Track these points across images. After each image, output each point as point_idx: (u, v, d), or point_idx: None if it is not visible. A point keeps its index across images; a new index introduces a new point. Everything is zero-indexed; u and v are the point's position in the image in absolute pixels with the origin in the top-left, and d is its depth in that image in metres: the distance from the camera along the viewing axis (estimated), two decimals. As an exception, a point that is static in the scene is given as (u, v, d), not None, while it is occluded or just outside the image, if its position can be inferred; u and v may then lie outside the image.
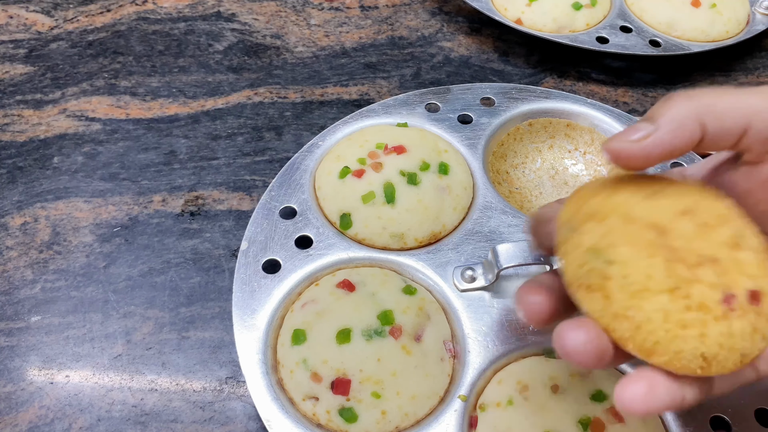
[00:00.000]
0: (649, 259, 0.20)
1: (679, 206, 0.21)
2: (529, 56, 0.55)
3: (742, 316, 0.19)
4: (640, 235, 0.20)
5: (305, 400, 0.31)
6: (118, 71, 0.51)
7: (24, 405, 0.34)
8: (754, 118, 0.20)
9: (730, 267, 0.20)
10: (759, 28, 0.54)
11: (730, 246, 0.20)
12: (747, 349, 0.20)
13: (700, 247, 0.20)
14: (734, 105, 0.21)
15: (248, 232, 0.36)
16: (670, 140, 0.20)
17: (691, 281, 0.19)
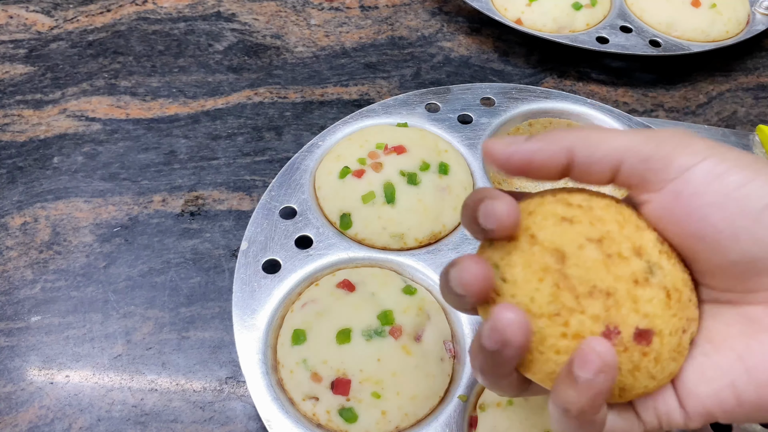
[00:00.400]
0: (538, 283, 0.20)
1: (593, 233, 0.20)
2: (529, 56, 0.55)
3: (622, 353, 0.20)
4: (538, 258, 0.20)
5: (305, 400, 0.31)
6: (118, 71, 0.51)
7: (24, 405, 0.34)
8: (627, 154, 0.21)
9: (624, 302, 0.20)
10: (759, 28, 0.54)
11: (634, 281, 0.20)
12: (627, 385, 0.20)
13: (598, 278, 0.20)
14: (606, 139, 0.21)
15: (248, 232, 0.36)
16: (531, 152, 0.21)
17: (573, 310, 0.20)
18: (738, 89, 0.54)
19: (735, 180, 0.20)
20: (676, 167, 0.20)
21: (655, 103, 0.52)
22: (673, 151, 0.20)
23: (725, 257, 0.20)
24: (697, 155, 0.20)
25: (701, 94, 0.53)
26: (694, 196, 0.20)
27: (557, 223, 0.21)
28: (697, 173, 0.20)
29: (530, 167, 0.22)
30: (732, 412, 0.20)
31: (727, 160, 0.20)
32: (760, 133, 0.48)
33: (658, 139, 0.21)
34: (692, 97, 0.53)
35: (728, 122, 0.51)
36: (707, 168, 0.20)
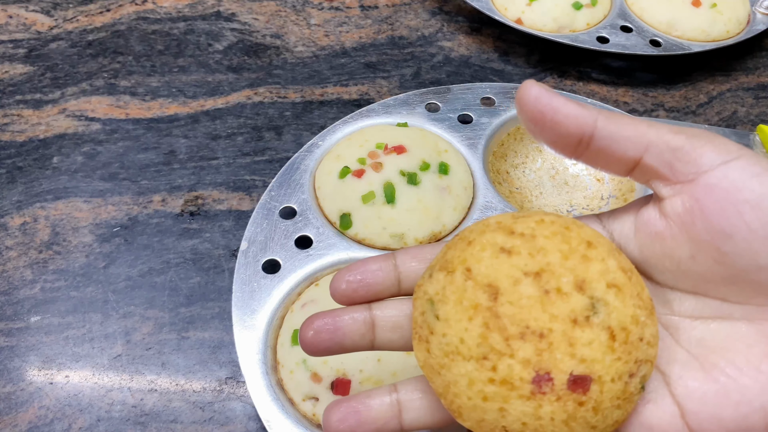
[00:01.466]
0: (468, 323, 0.19)
1: (532, 266, 0.19)
2: (530, 56, 0.55)
3: (555, 401, 0.18)
4: (471, 295, 0.19)
5: (305, 401, 0.31)
6: (117, 71, 0.51)
7: (23, 405, 0.34)
8: (655, 141, 0.20)
9: (559, 345, 0.18)
10: (759, 28, 0.54)
11: (573, 321, 0.18)
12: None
13: (531, 317, 0.18)
14: (637, 124, 0.21)
15: (248, 232, 0.36)
16: (560, 104, 0.20)
17: (501, 354, 0.18)
18: (738, 89, 0.54)
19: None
20: (708, 161, 0.19)
21: (656, 103, 0.52)
22: (706, 146, 0.20)
23: (753, 260, 0.19)
24: (731, 153, 0.20)
25: (701, 93, 0.53)
26: (730, 191, 0.19)
27: (494, 254, 0.19)
28: (733, 169, 0.19)
29: (553, 119, 0.20)
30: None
31: (761, 162, 0.19)
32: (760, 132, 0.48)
33: (690, 133, 0.20)
34: (693, 97, 0.53)
35: (728, 122, 0.51)
36: (743, 165, 0.19)
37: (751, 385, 0.19)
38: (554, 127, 0.20)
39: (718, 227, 0.19)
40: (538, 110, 0.20)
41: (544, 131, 0.21)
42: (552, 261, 0.19)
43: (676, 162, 0.20)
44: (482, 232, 0.20)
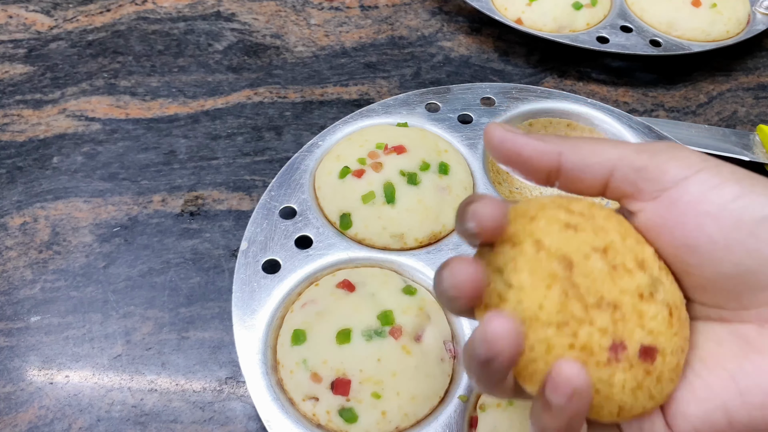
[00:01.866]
0: (546, 290, 0.19)
1: (598, 243, 0.20)
2: (530, 56, 0.55)
3: (627, 369, 0.19)
4: (546, 265, 0.19)
5: (305, 401, 0.31)
6: (117, 71, 0.51)
7: (23, 405, 0.34)
8: (619, 163, 0.21)
9: (630, 317, 0.19)
10: (759, 28, 0.54)
11: (639, 295, 0.20)
12: (626, 404, 0.20)
13: (605, 289, 0.19)
14: (600, 149, 0.21)
15: (248, 232, 0.36)
16: (522, 143, 0.22)
17: (582, 321, 0.19)
18: (738, 89, 0.54)
19: (731, 192, 0.20)
20: (671, 177, 0.20)
21: (656, 103, 0.52)
22: (668, 162, 0.21)
23: (718, 269, 0.20)
24: (692, 167, 0.20)
25: (702, 93, 0.53)
26: (690, 205, 0.20)
27: (562, 229, 0.20)
28: (693, 183, 0.20)
29: (519, 158, 0.22)
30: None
31: (723, 173, 0.20)
32: (760, 132, 0.48)
33: (651, 150, 0.21)
34: (693, 97, 0.53)
35: (729, 122, 0.51)
36: (704, 178, 0.20)
37: (715, 383, 0.20)
38: (522, 165, 0.22)
39: (681, 240, 0.20)
40: (504, 153, 0.22)
41: (515, 169, 0.22)
42: (614, 240, 0.20)
43: (641, 182, 0.21)
44: (543, 208, 0.21)
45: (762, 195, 0.19)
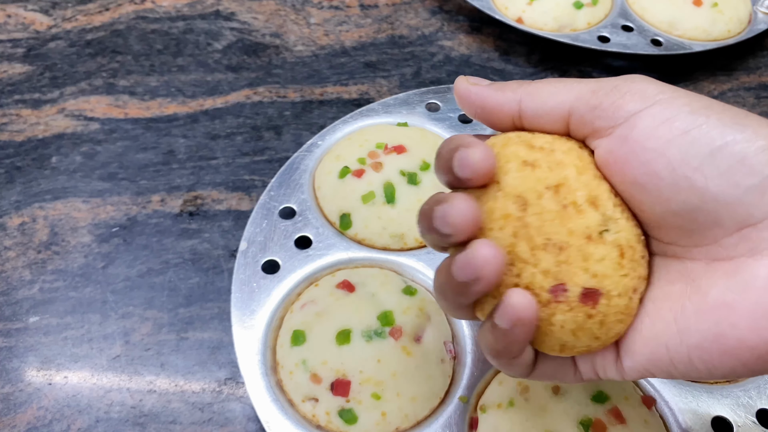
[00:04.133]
0: (499, 231, 0.20)
1: (552, 180, 0.20)
2: (530, 55, 0.55)
3: (567, 311, 0.20)
4: (501, 205, 0.20)
5: (305, 402, 0.30)
6: (116, 70, 0.51)
7: (22, 406, 0.34)
8: (575, 104, 0.21)
9: (575, 259, 0.20)
10: (761, 28, 0.54)
11: (587, 237, 0.20)
12: (568, 343, 0.20)
13: (554, 230, 0.20)
14: (557, 91, 0.21)
15: (247, 233, 0.36)
16: (486, 95, 0.22)
17: (526, 262, 0.20)
18: (740, 88, 0.54)
19: (680, 125, 0.19)
20: (623, 112, 0.20)
21: (657, 103, 0.52)
22: (623, 97, 0.20)
23: (667, 207, 0.19)
24: (646, 100, 0.20)
25: (703, 93, 0.53)
26: (639, 141, 0.19)
27: (519, 167, 0.21)
28: (644, 117, 0.19)
29: (483, 111, 0.22)
30: (667, 371, 0.20)
31: (676, 104, 0.19)
32: (761, 132, 0.47)
33: (607, 87, 0.21)
34: (693, 97, 0.52)
35: (730, 122, 0.51)
36: (655, 112, 0.19)
37: (659, 323, 0.20)
38: (487, 117, 0.23)
39: (630, 178, 0.20)
40: (471, 105, 0.23)
41: (482, 120, 0.23)
42: (568, 175, 0.20)
43: (596, 120, 0.21)
44: (505, 144, 0.22)
45: (715, 127, 0.18)
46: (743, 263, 0.18)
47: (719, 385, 0.32)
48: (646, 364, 0.20)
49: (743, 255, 0.18)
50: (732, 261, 0.19)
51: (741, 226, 0.18)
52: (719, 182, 0.18)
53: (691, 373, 0.19)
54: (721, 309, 0.18)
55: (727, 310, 0.18)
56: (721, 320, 0.18)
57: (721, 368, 0.18)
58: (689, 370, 0.19)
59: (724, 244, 0.19)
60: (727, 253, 0.19)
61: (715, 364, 0.18)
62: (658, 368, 0.20)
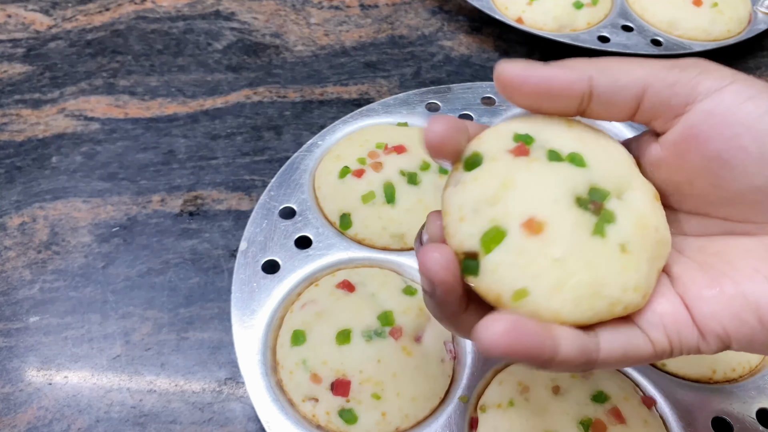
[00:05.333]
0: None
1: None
2: (530, 55, 0.55)
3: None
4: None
5: (305, 401, 0.30)
6: (116, 70, 0.51)
7: (22, 406, 0.34)
8: (651, 80, 0.20)
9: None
10: (761, 28, 0.54)
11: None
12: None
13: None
14: (630, 68, 0.21)
15: (247, 232, 0.36)
16: (550, 76, 0.21)
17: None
18: (739, 88, 0.54)
19: (766, 103, 0.19)
20: (703, 89, 0.20)
21: (657, 103, 0.52)
22: (699, 76, 0.20)
23: (750, 182, 0.19)
24: (724, 79, 0.20)
25: (702, 93, 0.53)
26: (725, 116, 0.19)
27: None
28: (727, 93, 0.19)
29: (549, 93, 0.21)
30: (752, 335, 0.19)
31: (757, 84, 0.20)
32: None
33: (681, 66, 0.21)
34: (693, 97, 0.53)
35: (730, 121, 0.51)
36: (737, 89, 0.19)
37: (746, 283, 0.19)
38: (552, 99, 0.21)
39: (714, 151, 0.20)
40: (529, 91, 0.21)
41: (544, 106, 0.21)
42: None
43: (674, 97, 0.20)
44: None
45: None
46: None
47: (719, 384, 0.32)
48: (729, 326, 0.19)
49: None
50: None
51: None
52: None
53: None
54: None
55: None
56: None
57: None
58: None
59: None
60: None
61: None
62: (741, 332, 0.19)
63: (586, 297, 0.19)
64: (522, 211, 0.19)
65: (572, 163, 0.21)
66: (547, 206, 0.19)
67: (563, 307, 0.19)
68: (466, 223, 0.20)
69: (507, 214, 0.19)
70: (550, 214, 0.19)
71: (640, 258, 0.20)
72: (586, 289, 0.19)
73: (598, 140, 0.22)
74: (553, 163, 0.20)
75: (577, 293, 0.19)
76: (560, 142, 0.21)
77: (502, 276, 0.19)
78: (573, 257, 0.19)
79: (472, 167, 0.21)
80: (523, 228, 0.19)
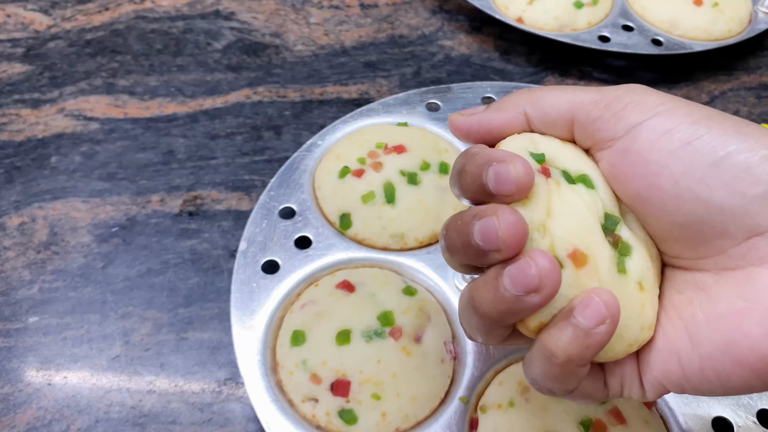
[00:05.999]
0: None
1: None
2: (531, 55, 0.54)
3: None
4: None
5: (304, 402, 0.30)
6: (116, 70, 0.51)
7: (22, 406, 0.34)
8: (577, 114, 0.21)
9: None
10: (761, 27, 0.54)
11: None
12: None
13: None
14: (557, 101, 0.21)
15: (247, 233, 0.36)
16: (490, 119, 0.22)
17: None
18: (740, 88, 0.53)
19: (682, 136, 0.19)
20: (624, 124, 0.20)
21: (657, 102, 0.52)
22: (623, 111, 0.20)
23: (672, 220, 0.19)
24: (647, 112, 0.19)
25: (703, 93, 0.53)
26: (640, 153, 0.19)
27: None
28: (644, 130, 0.19)
29: (491, 134, 0.22)
30: (680, 384, 0.19)
31: (677, 115, 0.19)
32: (762, 132, 0.47)
33: (608, 98, 0.20)
34: (694, 96, 0.52)
35: (730, 121, 0.51)
36: (655, 124, 0.19)
37: (672, 333, 0.19)
38: (497, 139, 0.22)
39: (633, 191, 0.20)
40: (475, 135, 0.22)
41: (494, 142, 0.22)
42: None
43: (596, 132, 0.20)
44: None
45: (717, 136, 0.18)
46: (753, 272, 0.18)
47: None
48: (661, 378, 0.20)
49: (752, 264, 0.18)
50: (741, 270, 0.19)
51: (749, 235, 0.18)
52: (724, 192, 0.18)
53: (703, 386, 0.19)
54: (733, 317, 0.18)
55: (738, 318, 0.18)
56: (733, 329, 0.18)
57: (734, 380, 0.18)
58: (702, 383, 0.19)
59: (733, 254, 0.19)
60: (735, 263, 0.19)
61: (728, 375, 0.18)
62: (671, 382, 0.19)
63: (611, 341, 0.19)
64: (567, 240, 0.19)
65: (585, 186, 0.20)
66: (587, 237, 0.20)
67: None
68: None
69: (553, 245, 0.19)
70: (589, 245, 0.19)
71: (653, 293, 0.20)
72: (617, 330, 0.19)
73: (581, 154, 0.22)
74: (573, 187, 0.20)
75: None
76: (563, 160, 0.21)
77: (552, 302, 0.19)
78: None
79: None
80: (569, 259, 0.19)
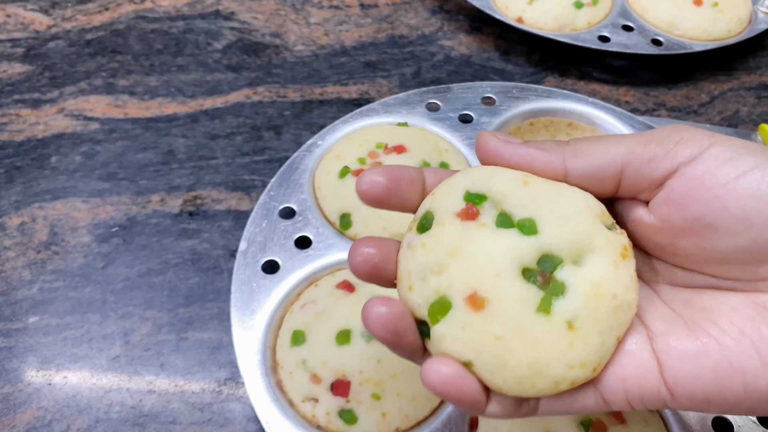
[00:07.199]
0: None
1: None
2: (531, 55, 0.54)
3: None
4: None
5: (305, 402, 0.30)
6: (116, 70, 0.51)
7: (22, 406, 0.34)
8: (628, 156, 0.21)
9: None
10: (761, 27, 0.54)
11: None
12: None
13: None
14: (604, 149, 0.21)
15: (247, 232, 0.36)
16: (530, 157, 0.22)
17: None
18: (740, 88, 0.54)
19: (746, 163, 0.19)
20: (682, 158, 0.20)
21: (657, 102, 0.52)
22: (677, 147, 0.20)
23: (735, 243, 0.19)
24: (702, 144, 0.20)
25: (703, 93, 0.53)
26: (705, 178, 0.19)
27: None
28: (706, 158, 0.20)
29: (521, 169, 0.22)
30: (734, 402, 0.19)
31: (735, 146, 0.20)
32: (762, 132, 0.47)
33: (658, 138, 0.21)
34: (694, 97, 0.52)
35: (730, 121, 0.51)
36: (716, 152, 0.20)
37: (733, 346, 0.19)
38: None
39: (696, 214, 0.20)
40: (511, 164, 0.22)
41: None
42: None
43: (654, 171, 0.21)
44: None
45: None
46: None
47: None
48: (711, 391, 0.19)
49: None
50: None
51: None
52: None
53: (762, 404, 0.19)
54: None
55: None
56: None
57: None
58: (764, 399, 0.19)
59: None
60: None
61: None
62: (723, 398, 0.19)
63: (528, 377, 0.19)
64: (465, 284, 0.19)
65: (521, 231, 0.20)
66: (490, 280, 0.19)
67: (505, 383, 0.19)
68: (415, 292, 0.20)
69: (451, 286, 0.19)
70: (492, 289, 0.19)
71: (589, 332, 0.19)
72: (528, 369, 0.19)
73: (557, 197, 0.21)
74: (500, 230, 0.20)
75: (519, 372, 0.19)
76: (514, 201, 0.21)
77: (449, 347, 0.19)
78: (515, 336, 0.19)
79: (423, 230, 0.21)
80: (466, 302, 0.19)
